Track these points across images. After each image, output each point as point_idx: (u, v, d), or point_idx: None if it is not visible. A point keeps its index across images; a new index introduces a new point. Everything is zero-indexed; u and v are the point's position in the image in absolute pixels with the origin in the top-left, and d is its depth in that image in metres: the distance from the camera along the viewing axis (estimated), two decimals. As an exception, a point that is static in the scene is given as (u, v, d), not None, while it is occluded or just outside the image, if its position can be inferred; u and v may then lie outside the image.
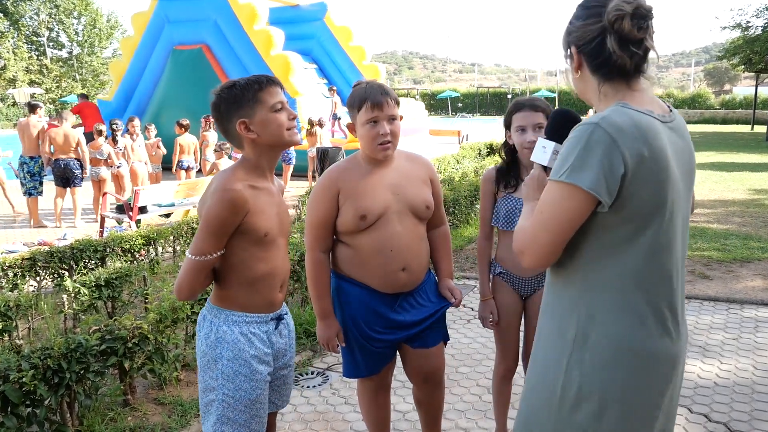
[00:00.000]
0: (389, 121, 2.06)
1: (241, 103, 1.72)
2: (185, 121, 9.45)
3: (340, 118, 14.34)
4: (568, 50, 1.43)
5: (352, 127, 2.14)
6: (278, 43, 13.02)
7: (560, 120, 1.54)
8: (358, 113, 2.06)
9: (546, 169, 1.51)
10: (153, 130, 9.77)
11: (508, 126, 2.37)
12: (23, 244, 6.97)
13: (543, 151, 1.51)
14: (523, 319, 2.50)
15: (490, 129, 23.61)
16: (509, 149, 2.42)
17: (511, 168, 2.41)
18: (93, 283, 3.87)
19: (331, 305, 2.18)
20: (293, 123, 1.79)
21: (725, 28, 23.49)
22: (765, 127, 21.48)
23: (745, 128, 27.21)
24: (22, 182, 8.30)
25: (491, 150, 12.44)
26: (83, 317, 3.88)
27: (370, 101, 2.02)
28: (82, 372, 2.71)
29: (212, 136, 9.94)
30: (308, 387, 3.41)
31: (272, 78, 1.78)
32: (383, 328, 2.20)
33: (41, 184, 8.32)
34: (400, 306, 2.20)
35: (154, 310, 3.20)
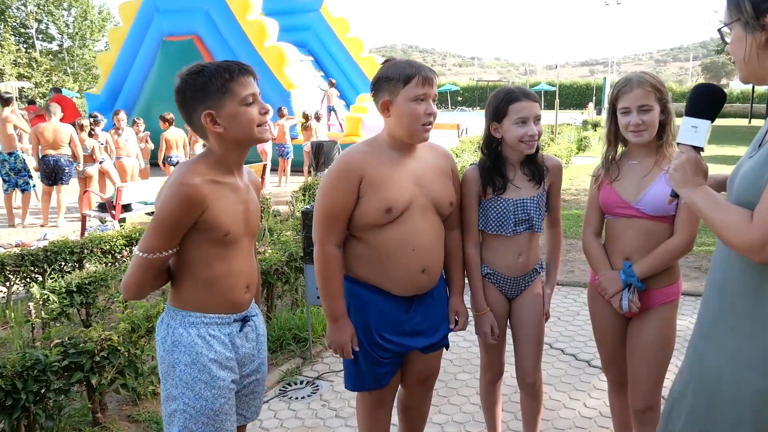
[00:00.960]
0: (434, 101, 1.89)
1: (208, 92, 1.55)
2: (169, 115, 9.09)
3: (336, 111, 14.04)
4: (758, 20, 1.21)
5: (386, 105, 1.87)
6: (272, 34, 12.70)
7: (707, 96, 1.42)
8: (404, 88, 1.83)
9: (697, 150, 1.37)
10: (141, 125, 9.48)
11: (499, 117, 2.09)
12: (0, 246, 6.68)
13: (695, 131, 1.38)
14: (508, 322, 2.31)
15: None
16: (494, 144, 2.15)
17: (497, 166, 2.15)
18: (63, 289, 3.60)
19: (344, 306, 1.95)
20: (265, 118, 1.64)
21: (724, 21, 23.23)
22: (762, 120, 21.39)
23: (743, 122, 27.70)
24: (4, 179, 7.98)
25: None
26: (58, 325, 3.62)
27: (421, 76, 1.82)
28: (42, 391, 2.45)
29: None
30: (296, 398, 3.16)
31: (245, 66, 1.61)
32: (395, 335, 2.00)
33: (31, 177, 8.01)
34: (414, 310, 2.02)
35: (125, 319, 2.93)
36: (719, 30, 1.33)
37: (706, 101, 1.42)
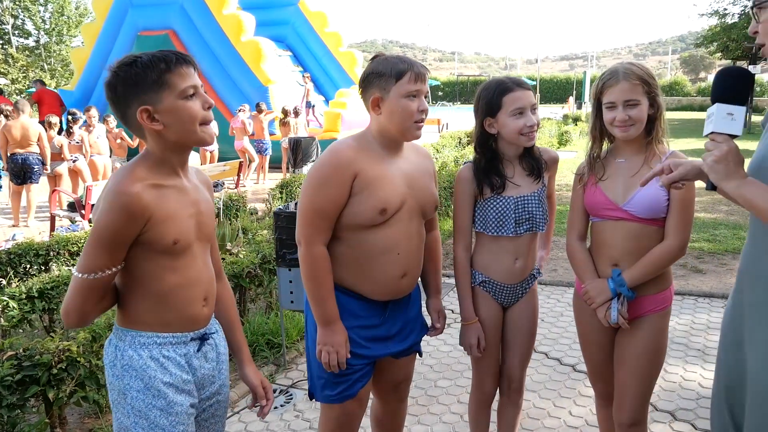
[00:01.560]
0: (426, 97, 1.81)
1: (142, 85, 1.38)
2: None
3: (314, 106, 13.84)
4: None
5: (377, 101, 1.75)
6: (249, 28, 12.44)
7: (739, 79, 1.33)
8: (396, 84, 1.73)
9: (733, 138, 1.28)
10: (112, 122, 9.20)
11: (493, 111, 1.96)
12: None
13: (731, 118, 1.28)
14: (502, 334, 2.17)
15: (470, 117, 23.35)
16: (489, 140, 2.02)
17: (493, 163, 2.02)
18: (24, 295, 3.41)
19: (336, 307, 1.81)
20: (209, 115, 1.46)
21: (703, 15, 23.58)
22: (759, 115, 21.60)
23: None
24: None
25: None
26: (21, 332, 3.43)
27: (413, 72, 1.74)
28: (-7, 406, 2.29)
29: None
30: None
31: (183, 55, 1.43)
32: (368, 341, 1.88)
33: (0, 177, 7.74)
34: (388, 314, 1.91)
35: (85, 328, 2.76)
36: (752, 7, 1.24)
37: (740, 85, 1.32)
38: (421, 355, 2.12)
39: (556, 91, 45.21)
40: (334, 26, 15.97)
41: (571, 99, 26.15)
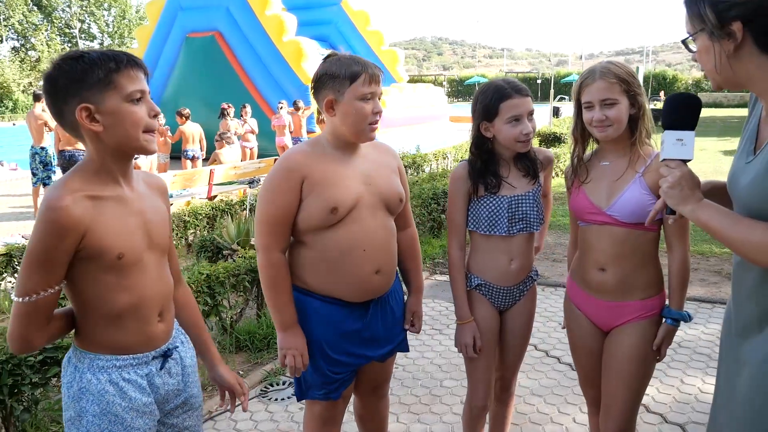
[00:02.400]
0: (379, 99, 1.81)
1: (86, 81, 1.30)
2: (185, 110, 9.40)
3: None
4: (723, 28, 1.17)
5: (330, 103, 1.77)
6: (290, 28, 12.70)
7: (687, 106, 1.37)
8: (350, 86, 1.74)
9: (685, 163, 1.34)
10: (161, 119, 9.61)
11: (490, 116, 1.95)
12: (22, 236, 6.84)
13: (681, 144, 1.33)
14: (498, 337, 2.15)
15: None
16: (486, 143, 2.01)
17: (489, 165, 2.01)
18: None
19: (295, 312, 1.85)
20: (154, 123, 1.38)
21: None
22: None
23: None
24: (33, 172, 8.20)
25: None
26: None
27: (368, 73, 1.74)
28: (18, 385, 2.46)
29: (233, 124, 9.85)
30: (276, 400, 3.09)
31: (135, 58, 1.37)
32: (352, 346, 1.89)
33: (54, 173, 8.22)
34: (372, 316, 1.91)
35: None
36: (683, 41, 1.27)
37: (687, 111, 1.37)
38: (407, 350, 2.12)
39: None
40: (376, 25, 16.08)
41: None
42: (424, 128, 13.01)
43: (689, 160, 1.34)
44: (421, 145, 11.82)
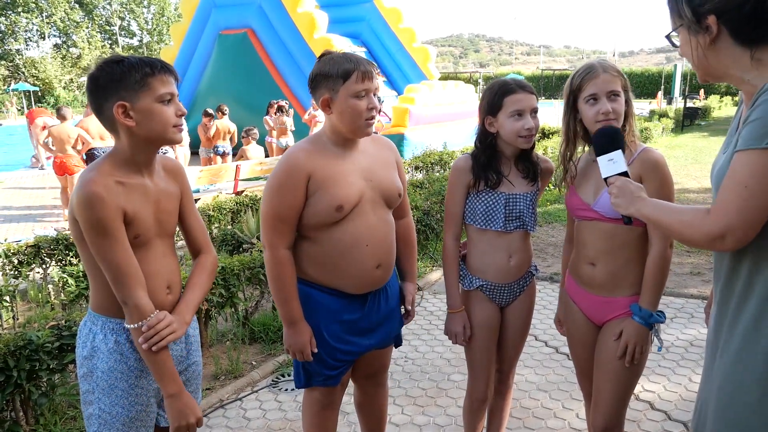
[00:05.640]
0: (375, 94, 1.85)
1: (125, 82, 1.50)
2: (224, 107, 9.85)
3: (383, 101, 13.98)
4: (699, 23, 1.22)
5: (327, 102, 1.83)
6: (321, 25, 12.80)
7: (611, 136, 1.62)
8: (344, 84, 1.78)
9: (625, 175, 1.52)
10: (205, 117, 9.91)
11: (494, 111, 1.98)
12: (54, 229, 7.13)
13: (613, 162, 1.54)
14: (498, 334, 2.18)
15: (547, 112, 22.69)
16: (489, 138, 2.04)
17: (491, 160, 2.04)
18: (80, 273, 3.79)
19: (300, 309, 1.91)
20: (180, 121, 1.60)
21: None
22: None
23: None
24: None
25: (543, 134, 11.92)
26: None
27: (360, 71, 1.78)
28: (35, 370, 2.58)
29: (288, 120, 10.27)
30: (285, 390, 3.18)
31: (167, 65, 1.57)
32: (351, 335, 1.96)
33: None
34: (369, 307, 1.97)
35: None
36: (667, 36, 1.33)
37: (611, 140, 1.61)
38: (399, 345, 2.19)
39: (647, 85, 42.72)
40: (409, 22, 16.04)
41: (660, 94, 24.63)
42: (453, 125, 12.94)
43: (625, 172, 1.52)
44: (451, 143, 11.80)
